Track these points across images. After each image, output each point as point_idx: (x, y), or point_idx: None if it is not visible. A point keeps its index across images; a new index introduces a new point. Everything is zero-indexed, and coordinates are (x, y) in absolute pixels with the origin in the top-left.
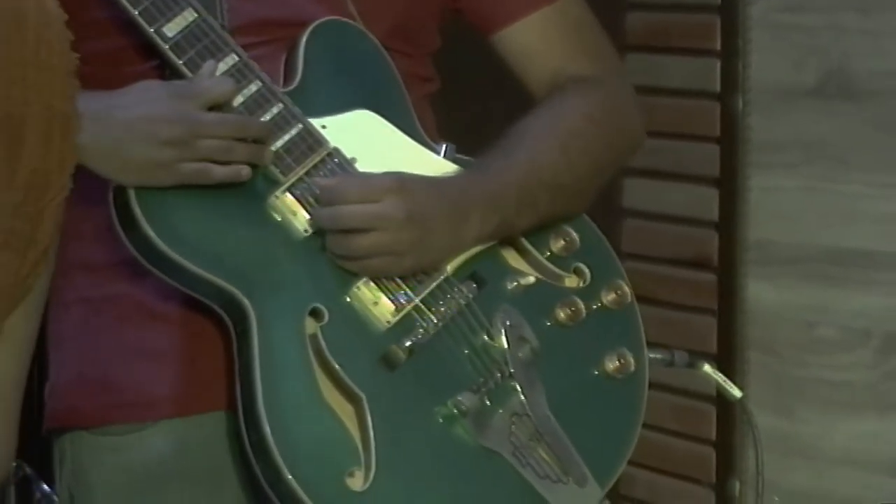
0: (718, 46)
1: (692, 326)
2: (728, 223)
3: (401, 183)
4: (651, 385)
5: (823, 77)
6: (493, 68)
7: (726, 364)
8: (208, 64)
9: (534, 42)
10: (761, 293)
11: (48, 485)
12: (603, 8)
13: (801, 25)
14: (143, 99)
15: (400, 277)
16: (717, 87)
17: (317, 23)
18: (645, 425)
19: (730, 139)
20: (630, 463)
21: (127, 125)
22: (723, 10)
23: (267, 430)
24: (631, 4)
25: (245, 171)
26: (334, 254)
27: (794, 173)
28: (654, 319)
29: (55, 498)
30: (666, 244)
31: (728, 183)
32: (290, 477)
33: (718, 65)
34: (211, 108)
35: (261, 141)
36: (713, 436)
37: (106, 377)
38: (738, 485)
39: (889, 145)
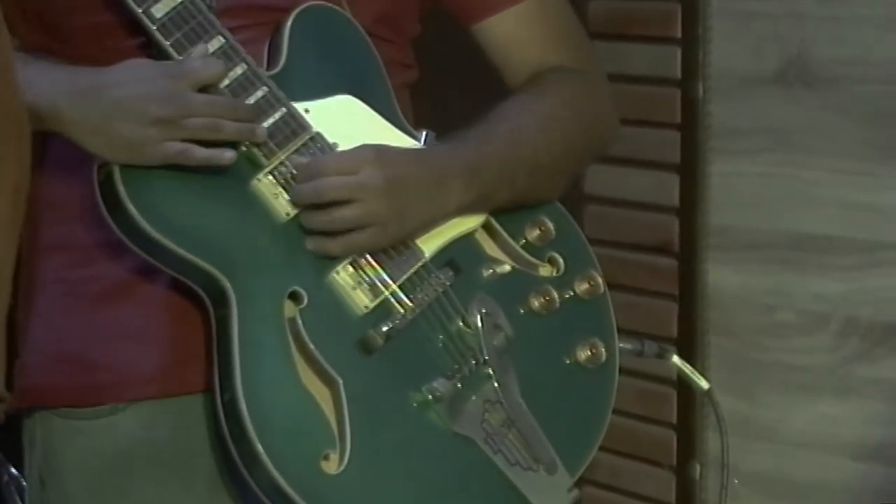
0: (679, 34)
1: (653, 311)
2: (689, 209)
3: (377, 153)
4: None
5: (783, 64)
6: (467, 58)
7: (687, 348)
8: (199, 46)
9: (514, 34)
10: (722, 278)
11: (16, 468)
12: None
13: (760, 13)
14: (134, 77)
15: (379, 262)
16: (678, 74)
17: (302, 7)
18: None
19: (690, 126)
20: None
21: (116, 103)
22: None
23: (244, 411)
24: None
25: (228, 154)
26: (317, 231)
27: (755, 159)
28: (615, 304)
29: (23, 482)
30: (627, 230)
31: (689, 169)
32: (265, 459)
33: (679, 52)
34: (200, 90)
35: (248, 120)
36: (674, 419)
37: (82, 357)
38: (698, 467)
39: (848, 132)
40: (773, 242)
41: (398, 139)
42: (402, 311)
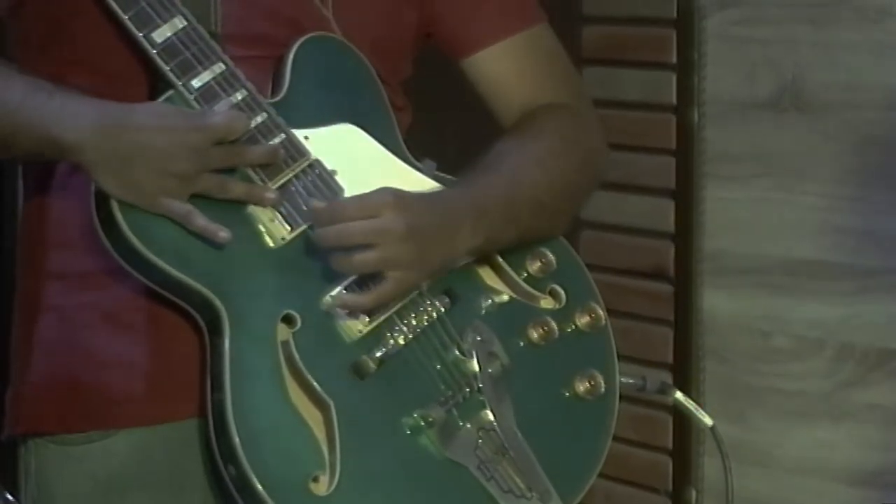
0: (674, 59)
1: (649, 336)
2: (684, 234)
3: (397, 197)
4: None
5: (777, 89)
6: (464, 95)
7: (682, 373)
8: (223, 101)
9: (505, 69)
10: (716, 303)
11: (11, 494)
12: (559, 21)
13: (755, 38)
14: (158, 124)
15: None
16: (673, 100)
17: (306, 37)
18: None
19: (685, 151)
20: None
21: (139, 151)
22: (678, 23)
23: (234, 432)
24: (587, 18)
25: (222, 234)
26: (339, 268)
27: (749, 185)
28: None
29: None
30: (623, 255)
31: (683, 194)
32: (254, 480)
33: (674, 78)
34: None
35: (268, 164)
36: (669, 444)
37: (73, 384)
38: (694, 493)
39: (841, 156)
40: (767, 268)
41: (400, 168)
42: (395, 336)
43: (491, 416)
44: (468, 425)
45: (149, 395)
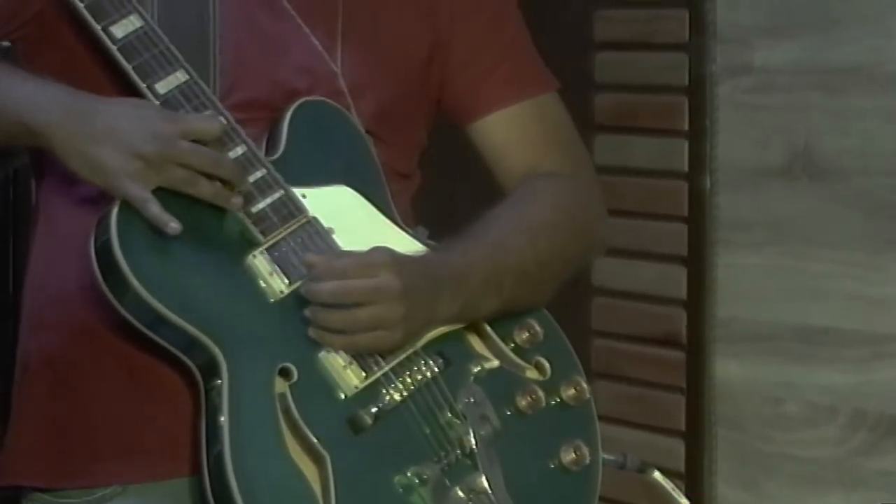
0: (686, 126)
1: (661, 403)
2: (696, 301)
3: (394, 258)
4: None
5: (789, 156)
6: (462, 154)
7: (694, 440)
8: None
9: (510, 134)
10: (729, 370)
11: None
12: (571, 89)
13: (766, 106)
14: (131, 113)
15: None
16: (685, 167)
17: (303, 100)
18: (617, 502)
19: (697, 218)
20: None
21: (107, 129)
22: (690, 90)
23: (231, 479)
24: (599, 85)
25: (172, 224)
26: (326, 329)
27: (761, 251)
28: (623, 397)
29: None
30: (635, 322)
31: (696, 261)
32: None
33: (686, 145)
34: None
35: (230, 184)
36: None
37: (64, 442)
38: None
39: (853, 223)
40: (780, 334)
41: (392, 231)
42: (391, 393)
43: (481, 480)
44: (460, 486)
45: (141, 453)
